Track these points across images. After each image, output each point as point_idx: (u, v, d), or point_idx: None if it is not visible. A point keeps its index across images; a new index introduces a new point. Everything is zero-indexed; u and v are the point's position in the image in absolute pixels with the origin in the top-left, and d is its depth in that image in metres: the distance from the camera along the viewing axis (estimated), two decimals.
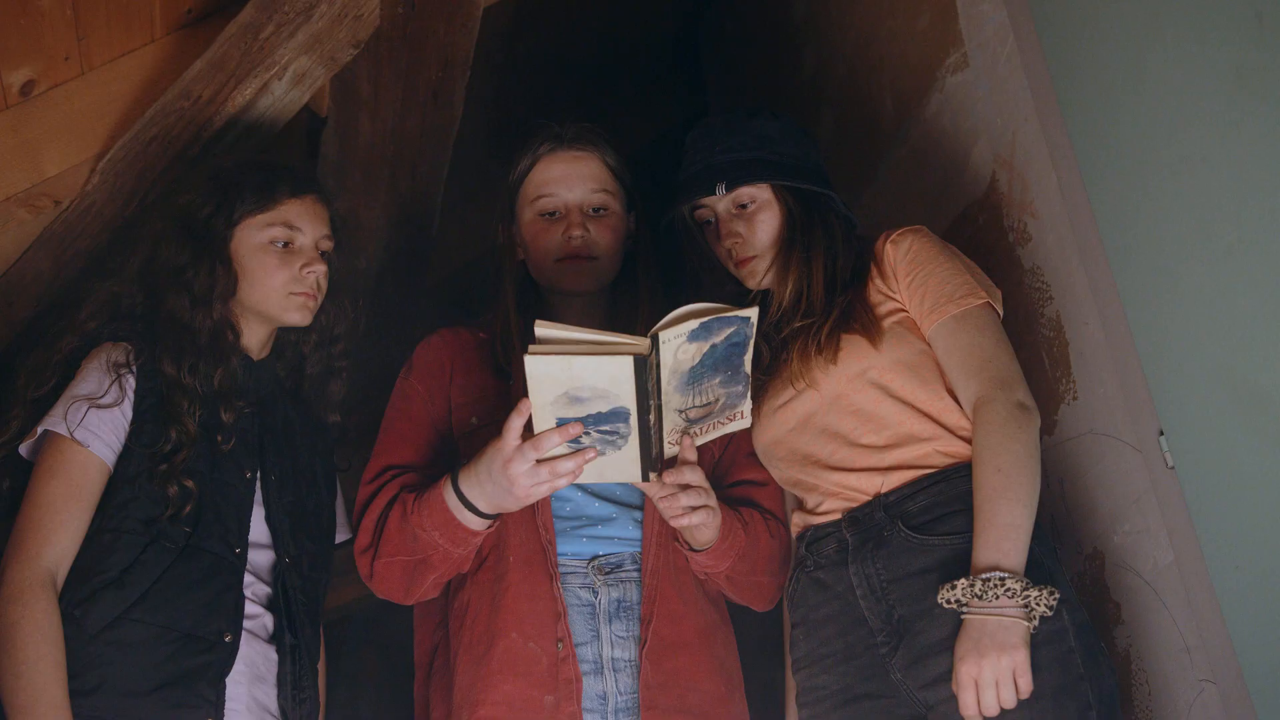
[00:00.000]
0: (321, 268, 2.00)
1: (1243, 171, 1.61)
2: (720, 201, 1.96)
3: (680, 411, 1.68)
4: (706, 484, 1.78)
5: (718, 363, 1.66)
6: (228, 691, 1.80)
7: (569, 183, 2.00)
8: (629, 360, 1.53)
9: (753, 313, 1.65)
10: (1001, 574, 1.63)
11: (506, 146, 2.13)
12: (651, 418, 1.61)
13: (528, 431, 1.64)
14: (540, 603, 1.81)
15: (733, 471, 2.02)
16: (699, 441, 1.76)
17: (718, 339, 1.64)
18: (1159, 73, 1.76)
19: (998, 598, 1.63)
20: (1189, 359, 1.73)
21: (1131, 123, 1.82)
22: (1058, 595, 1.64)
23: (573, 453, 1.64)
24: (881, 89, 2.67)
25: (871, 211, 2.64)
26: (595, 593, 1.85)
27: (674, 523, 1.78)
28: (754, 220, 1.95)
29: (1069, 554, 2.03)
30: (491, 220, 2.12)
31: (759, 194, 1.95)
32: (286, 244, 1.98)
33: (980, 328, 1.83)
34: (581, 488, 1.89)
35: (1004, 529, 1.67)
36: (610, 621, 1.85)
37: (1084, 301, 1.96)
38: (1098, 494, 1.96)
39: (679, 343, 1.60)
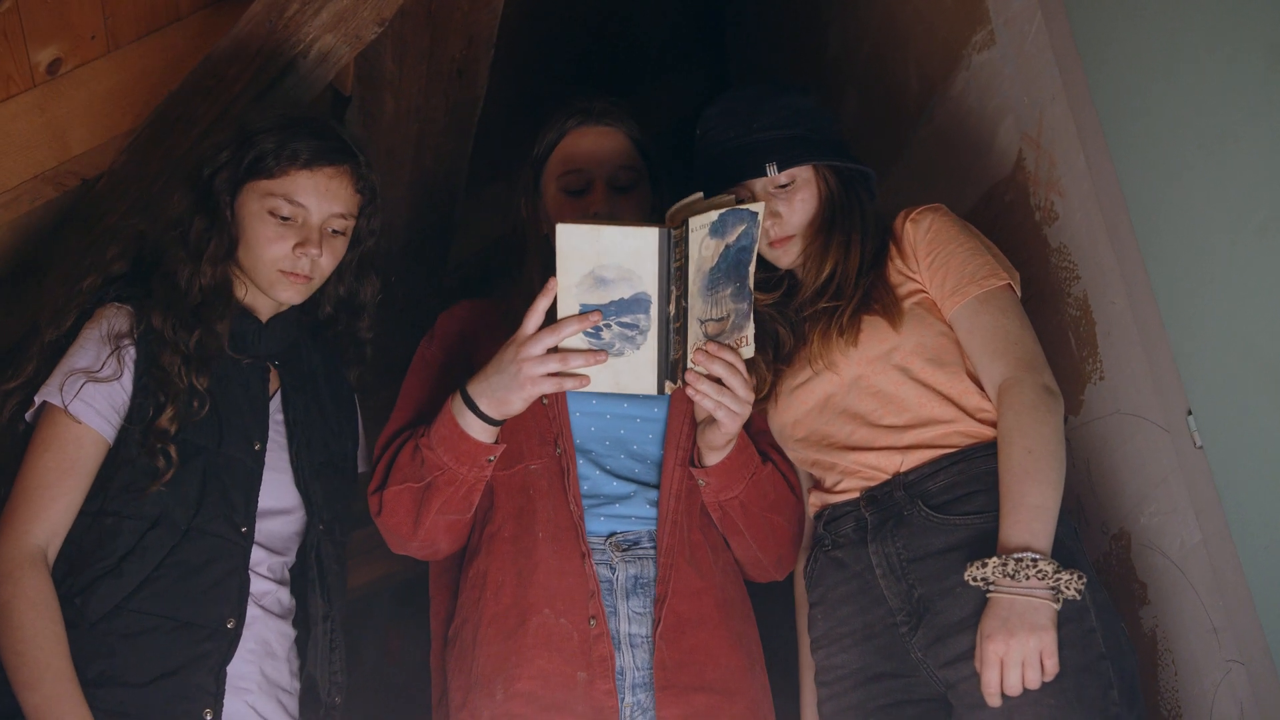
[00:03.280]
0: (316, 251, 1.86)
1: (1274, 150, 1.60)
2: (759, 180, 1.93)
3: (701, 323, 1.66)
4: (742, 380, 1.71)
5: (729, 268, 1.65)
6: (239, 670, 1.78)
7: (596, 157, 1.97)
8: (654, 232, 1.55)
9: (760, 208, 1.65)
10: (1034, 555, 1.63)
11: (528, 125, 2.12)
12: (671, 309, 1.60)
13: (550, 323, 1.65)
14: (571, 579, 1.81)
15: None
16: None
17: (730, 239, 1.63)
18: (1189, 50, 1.75)
19: (1029, 578, 1.62)
20: (1218, 338, 1.72)
21: (1161, 100, 1.80)
22: (1085, 580, 1.64)
23: (587, 350, 1.63)
24: (907, 67, 2.65)
25: (897, 191, 2.63)
26: (613, 569, 1.85)
27: (701, 401, 1.72)
28: (793, 200, 1.92)
29: (1095, 534, 2.02)
30: (514, 199, 2.10)
31: (800, 173, 1.92)
32: (288, 217, 1.86)
33: (1003, 309, 1.82)
34: (599, 465, 1.89)
35: (1034, 510, 1.67)
36: (628, 597, 1.84)
37: (1112, 280, 1.94)
38: (1124, 474, 1.96)
39: (703, 234, 1.59)
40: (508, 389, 1.69)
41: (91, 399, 1.77)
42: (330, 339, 2.09)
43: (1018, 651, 1.61)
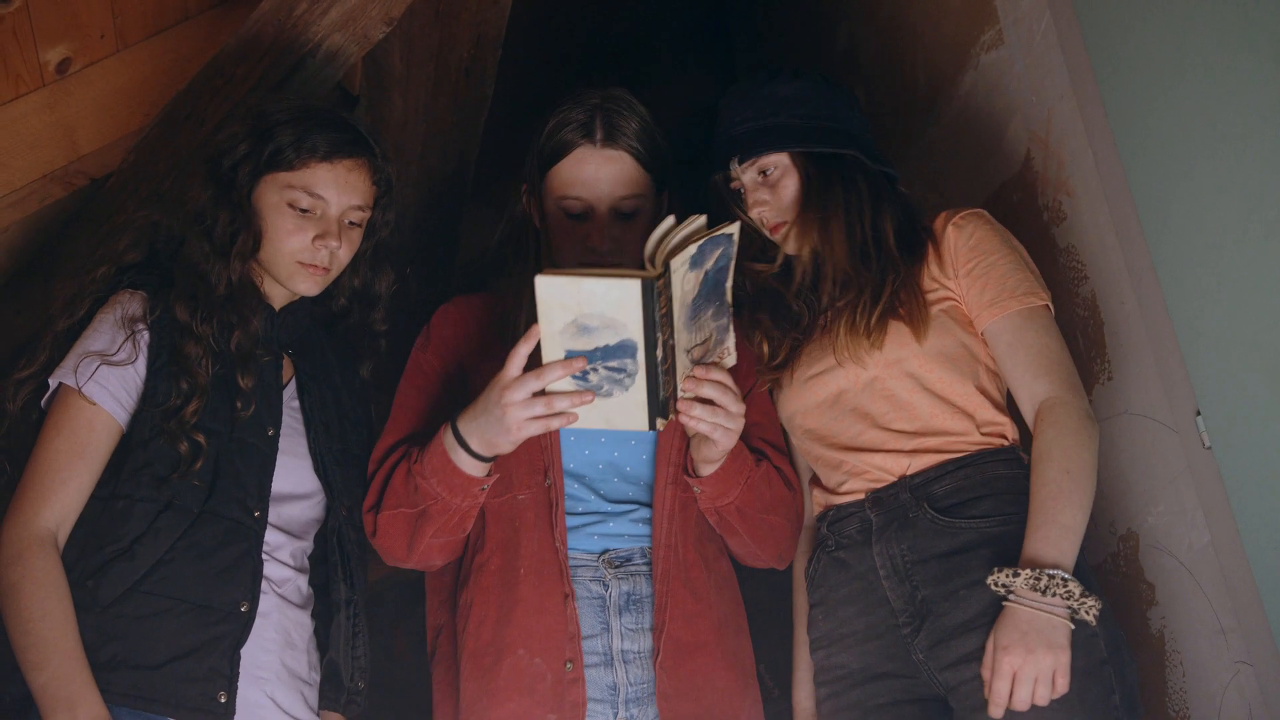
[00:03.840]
0: (336, 243, 1.87)
1: None
2: (745, 172, 1.95)
3: (688, 352, 1.65)
4: (734, 399, 1.69)
5: (709, 291, 1.64)
6: (259, 660, 1.78)
7: (597, 187, 1.89)
8: (636, 283, 1.51)
9: (735, 228, 1.63)
10: (1064, 575, 1.63)
11: (534, 124, 2.08)
12: (659, 353, 1.58)
13: (536, 364, 1.61)
14: (551, 619, 1.79)
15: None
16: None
17: (709, 264, 1.61)
18: (1198, 50, 1.74)
19: (1055, 595, 1.62)
20: (1227, 339, 1.72)
21: (1170, 100, 1.80)
22: (1102, 606, 1.64)
23: (573, 392, 1.61)
24: (914, 67, 2.65)
25: (904, 190, 2.62)
26: (606, 585, 1.84)
27: (694, 425, 1.70)
28: (777, 187, 1.93)
29: (1103, 534, 2.02)
30: (515, 187, 2.03)
31: (779, 160, 1.93)
32: (307, 209, 1.87)
33: (1046, 328, 1.82)
34: (594, 490, 1.88)
35: (1065, 529, 1.67)
36: (620, 614, 1.83)
37: (1120, 281, 1.94)
38: (1132, 475, 1.96)
39: (683, 271, 1.57)
40: (495, 432, 1.67)
41: (106, 381, 1.77)
42: (343, 332, 2.09)
43: (1033, 668, 1.60)
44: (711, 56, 4.16)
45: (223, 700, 1.72)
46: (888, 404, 1.86)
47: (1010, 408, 1.88)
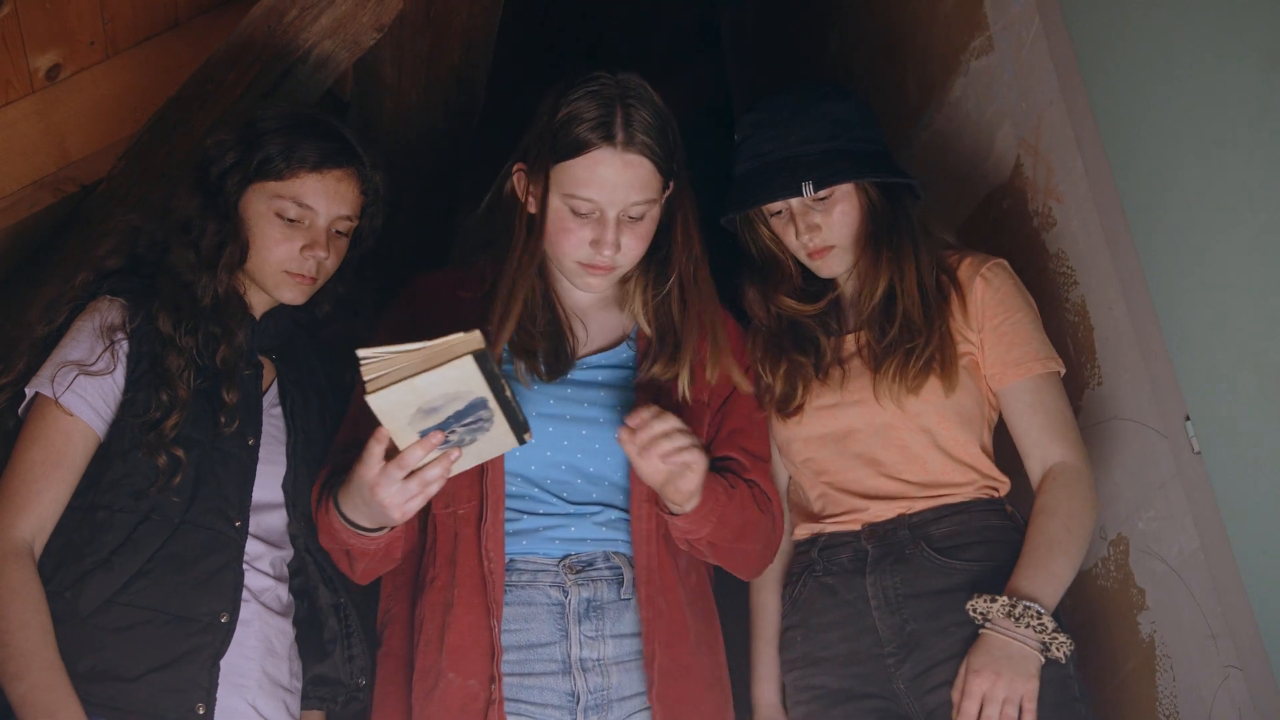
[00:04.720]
0: (323, 254, 1.86)
1: (1273, 155, 1.60)
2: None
3: None
4: (682, 424, 1.68)
5: None
6: (241, 668, 1.77)
7: (613, 193, 1.79)
8: (468, 360, 1.52)
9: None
10: (1039, 609, 1.68)
11: (540, 101, 1.99)
12: (508, 392, 1.59)
13: (394, 448, 1.60)
14: (479, 635, 1.77)
15: (716, 449, 1.92)
16: None
17: None
18: (1186, 55, 1.75)
19: (1028, 626, 1.67)
20: (1216, 344, 1.72)
21: (1159, 106, 1.81)
22: (1074, 647, 1.70)
23: (439, 457, 1.61)
24: (905, 73, 2.66)
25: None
26: (565, 592, 1.81)
27: (667, 463, 1.67)
28: (832, 213, 1.87)
29: (1094, 539, 2.02)
30: (508, 163, 1.92)
31: (839, 185, 1.87)
32: (295, 219, 1.85)
33: (1063, 395, 1.86)
34: (556, 494, 1.84)
35: (1052, 576, 1.73)
36: (580, 622, 1.80)
37: (1109, 286, 1.95)
38: (1122, 480, 1.96)
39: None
40: (380, 516, 1.66)
41: (84, 391, 1.75)
42: (327, 339, 2.07)
43: (1002, 691, 1.65)
44: (703, 70, 4.16)
45: (201, 712, 1.71)
46: (900, 454, 1.87)
47: (1000, 461, 1.90)
